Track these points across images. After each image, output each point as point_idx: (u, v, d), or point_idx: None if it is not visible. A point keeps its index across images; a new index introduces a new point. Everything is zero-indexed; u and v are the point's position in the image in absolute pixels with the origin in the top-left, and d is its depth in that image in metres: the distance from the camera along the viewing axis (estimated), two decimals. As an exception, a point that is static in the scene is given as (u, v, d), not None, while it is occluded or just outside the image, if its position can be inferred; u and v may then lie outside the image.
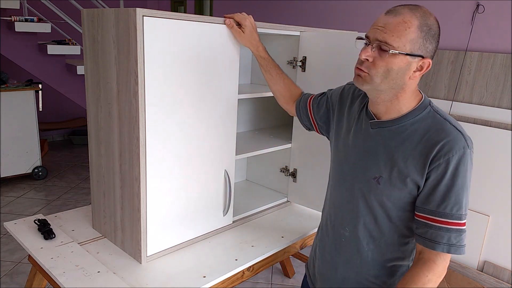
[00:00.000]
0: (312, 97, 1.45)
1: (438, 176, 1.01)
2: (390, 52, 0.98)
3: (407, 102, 1.07)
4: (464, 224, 1.02)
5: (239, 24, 1.50)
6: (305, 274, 1.44)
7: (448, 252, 1.02)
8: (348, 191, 1.19)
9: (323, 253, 1.29)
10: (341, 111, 1.29)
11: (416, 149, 1.04)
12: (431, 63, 1.02)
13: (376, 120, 1.13)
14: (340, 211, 1.22)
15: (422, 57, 1.00)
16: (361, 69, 1.04)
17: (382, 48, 0.99)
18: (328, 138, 1.40)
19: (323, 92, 1.43)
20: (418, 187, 1.05)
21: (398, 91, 1.05)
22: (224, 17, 1.50)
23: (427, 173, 1.02)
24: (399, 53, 0.98)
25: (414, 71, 1.02)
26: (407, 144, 1.05)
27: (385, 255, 1.16)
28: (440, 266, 1.04)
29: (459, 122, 1.10)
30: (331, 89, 1.41)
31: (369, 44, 1.02)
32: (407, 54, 0.98)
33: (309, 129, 1.50)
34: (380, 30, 1.00)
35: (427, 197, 1.03)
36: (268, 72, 1.53)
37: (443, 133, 1.01)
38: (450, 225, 1.02)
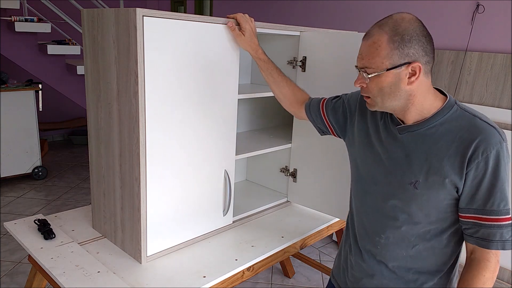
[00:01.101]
0: (324, 100, 1.43)
1: (479, 175, 1.01)
2: (372, 75, 1.04)
3: (428, 104, 1.07)
4: (511, 218, 1.02)
5: (239, 26, 1.50)
6: (330, 284, 1.42)
7: (503, 249, 1.02)
8: (383, 198, 1.16)
9: (356, 260, 1.26)
10: (363, 118, 1.26)
11: (450, 149, 1.03)
12: (420, 65, 1.01)
13: (404, 125, 1.12)
14: (376, 218, 1.19)
15: (410, 63, 1.01)
16: (365, 96, 1.12)
17: (368, 73, 1.05)
18: (344, 140, 1.38)
19: (337, 96, 1.41)
20: (457, 188, 1.04)
21: (407, 99, 1.06)
22: (227, 17, 1.50)
23: (466, 173, 1.02)
24: (381, 72, 1.02)
25: (409, 77, 1.03)
26: (441, 145, 1.05)
27: (425, 261, 1.14)
28: (493, 262, 1.04)
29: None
30: (346, 94, 1.39)
31: (359, 72, 1.09)
32: (388, 69, 1.02)
33: (324, 133, 1.46)
34: (360, 58, 1.08)
35: (472, 196, 1.03)
36: (270, 74, 1.52)
37: (476, 130, 1.01)
38: (500, 222, 1.01)
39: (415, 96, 1.06)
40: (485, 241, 1.03)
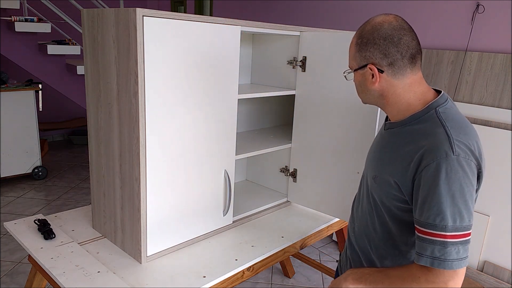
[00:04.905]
0: None
1: (420, 184, 0.98)
2: (346, 73, 1.15)
3: (404, 105, 1.08)
4: (451, 237, 0.95)
5: None
6: (337, 267, 1.48)
7: (431, 265, 0.97)
8: (360, 189, 1.26)
9: (347, 243, 1.35)
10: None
11: (405, 152, 1.03)
12: (373, 67, 1.05)
13: (389, 121, 1.16)
14: (355, 206, 1.29)
15: (367, 65, 1.07)
16: None
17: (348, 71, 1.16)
18: None
19: None
20: (402, 191, 1.03)
21: (381, 98, 1.11)
22: None
23: (412, 180, 1.00)
24: (352, 71, 1.13)
25: (372, 78, 1.08)
26: (402, 146, 1.06)
27: (386, 260, 1.15)
28: (422, 280, 0.98)
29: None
30: None
31: None
32: (355, 70, 1.11)
33: None
34: None
35: (414, 205, 1.01)
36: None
37: (430, 138, 0.99)
38: (433, 237, 0.96)
39: (387, 97, 1.09)
40: (417, 254, 1.00)
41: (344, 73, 1.16)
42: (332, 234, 3.25)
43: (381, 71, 1.05)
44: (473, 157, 0.98)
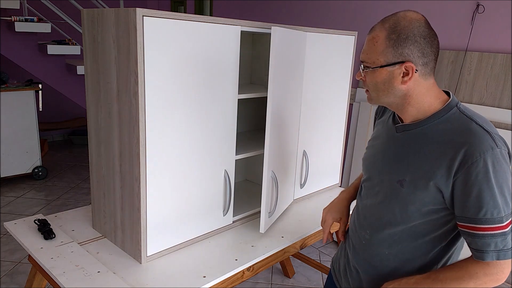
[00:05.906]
0: None
1: (468, 181, 0.96)
2: (367, 70, 1.06)
3: (426, 105, 1.06)
4: (506, 226, 0.97)
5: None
6: (329, 273, 1.44)
7: (497, 259, 0.97)
8: (374, 195, 1.19)
9: (348, 252, 1.30)
10: (377, 121, 1.30)
11: (440, 151, 1.01)
12: (413, 65, 1.01)
13: (402, 123, 1.12)
14: (363, 213, 1.23)
15: (403, 62, 1.02)
16: (365, 89, 1.13)
17: (365, 67, 1.08)
18: None
19: None
20: (442, 193, 1.01)
21: (403, 99, 1.07)
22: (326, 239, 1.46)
23: (454, 178, 0.98)
24: (375, 67, 1.04)
25: (403, 77, 1.03)
26: (431, 146, 1.03)
27: (410, 262, 1.13)
28: (493, 272, 0.99)
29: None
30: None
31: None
32: (382, 66, 1.03)
33: None
34: (362, 52, 1.09)
35: (463, 204, 0.98)
36: None
37: (468, 134, 0.98)
38: (494, 230, 0.97)
39: (411, 96, 1.06)
40: (479, 253, 0.99)
41: (366, 68, 1.07)
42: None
43: (415, 70, 1.02)
44: (507, 147, 1.00)
